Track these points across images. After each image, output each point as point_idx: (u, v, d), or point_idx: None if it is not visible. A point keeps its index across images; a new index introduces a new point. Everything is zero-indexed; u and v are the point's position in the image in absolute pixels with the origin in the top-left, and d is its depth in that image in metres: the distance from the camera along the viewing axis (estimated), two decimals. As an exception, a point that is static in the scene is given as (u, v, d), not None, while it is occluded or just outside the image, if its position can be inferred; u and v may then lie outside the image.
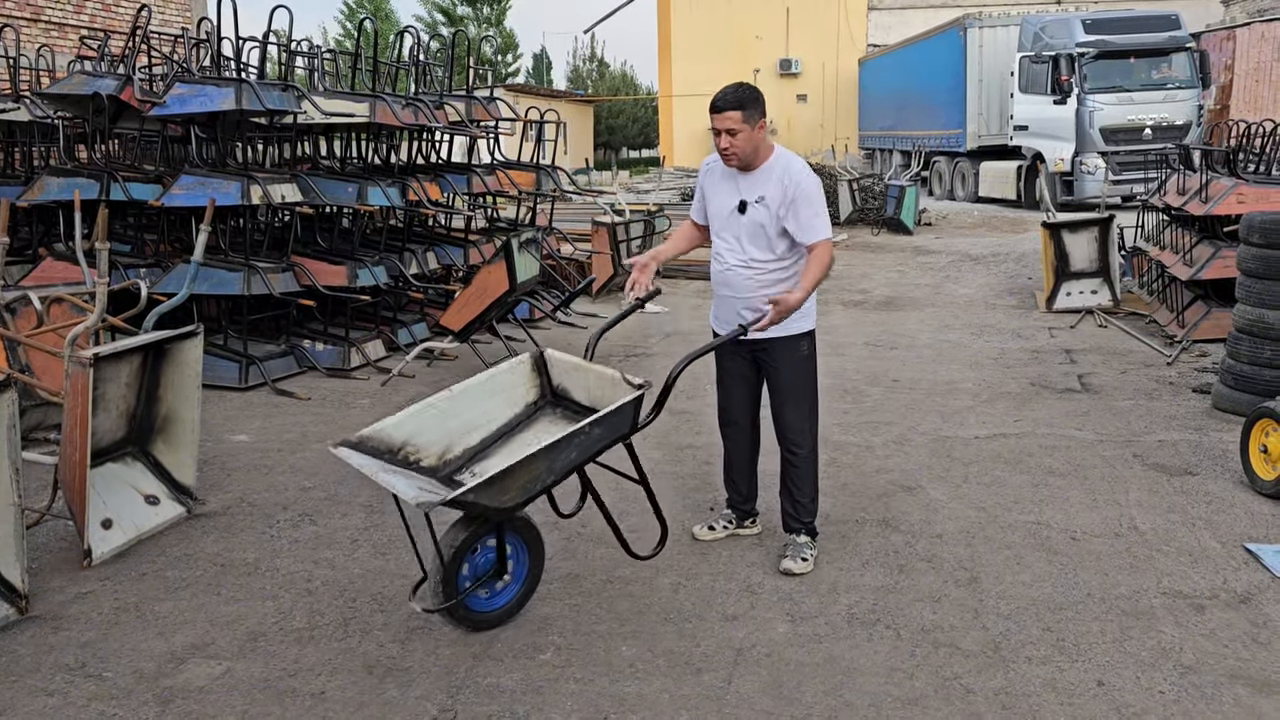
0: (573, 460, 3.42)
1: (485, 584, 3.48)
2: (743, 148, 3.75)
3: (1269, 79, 19.69)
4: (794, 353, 3.93)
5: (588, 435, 3.37)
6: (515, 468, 3.20)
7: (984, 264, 12.84)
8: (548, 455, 3.28)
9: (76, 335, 4.26)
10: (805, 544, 4.01)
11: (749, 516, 4.31)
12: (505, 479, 3.20)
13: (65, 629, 3.54)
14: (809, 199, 3.76)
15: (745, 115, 3.71)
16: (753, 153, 3.79)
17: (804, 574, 3.89)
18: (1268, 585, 3.75)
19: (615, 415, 3.43)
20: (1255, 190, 7.66)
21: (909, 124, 24.39)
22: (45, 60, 9.60)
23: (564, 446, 3.31)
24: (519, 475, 3.24)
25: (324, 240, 8.34)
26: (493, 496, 3.23)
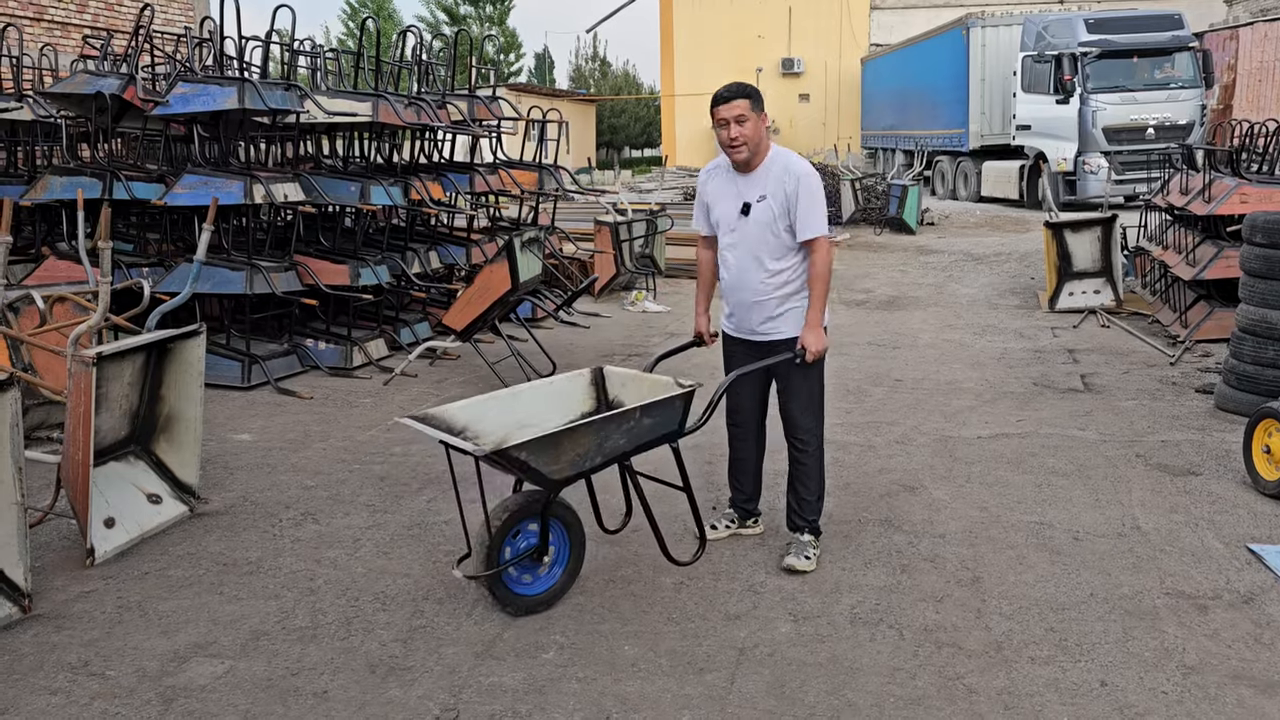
0: (620, 446, 3.52)
1: (527, 565, 3.61)
2: (751, 136, 3.78)
3: (1272, 79, 19.65)
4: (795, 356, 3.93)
5: (637, 421, 3.49)
6: (567, 434, 3.38)
7: (986, 264, 12.83)
8: (599, 430, 3.43)
9: (79, 334, 4.26)
10: (809, 543, 4.01)
11: (751, 516, 4.31)
12: (557, 444, 3.36)
13: (68, 628, 3.54)
14: (809, 192, 3.79)
15: (752, 104, 3.78)
16: (758, 145, 3.82)
17: (806, 571, 3.90)
18: (1271, 586, 3.75)
19: (665, 406, 3.56)
20: (1258, 190, 7.65)
21: (911, 123, 24.38)
22: (48, 59, 9.61)
23: (615, 425, 3.45)
24: (570, 444, 3.39)
25: (326, 239, 8.35)
26: (543, 461, 3.37)
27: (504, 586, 3.57)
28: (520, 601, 3.59)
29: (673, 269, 11.91)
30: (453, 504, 4.61)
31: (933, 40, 23.43)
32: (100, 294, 4.30)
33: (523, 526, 3.59)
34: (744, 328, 4.02)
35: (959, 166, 22.13)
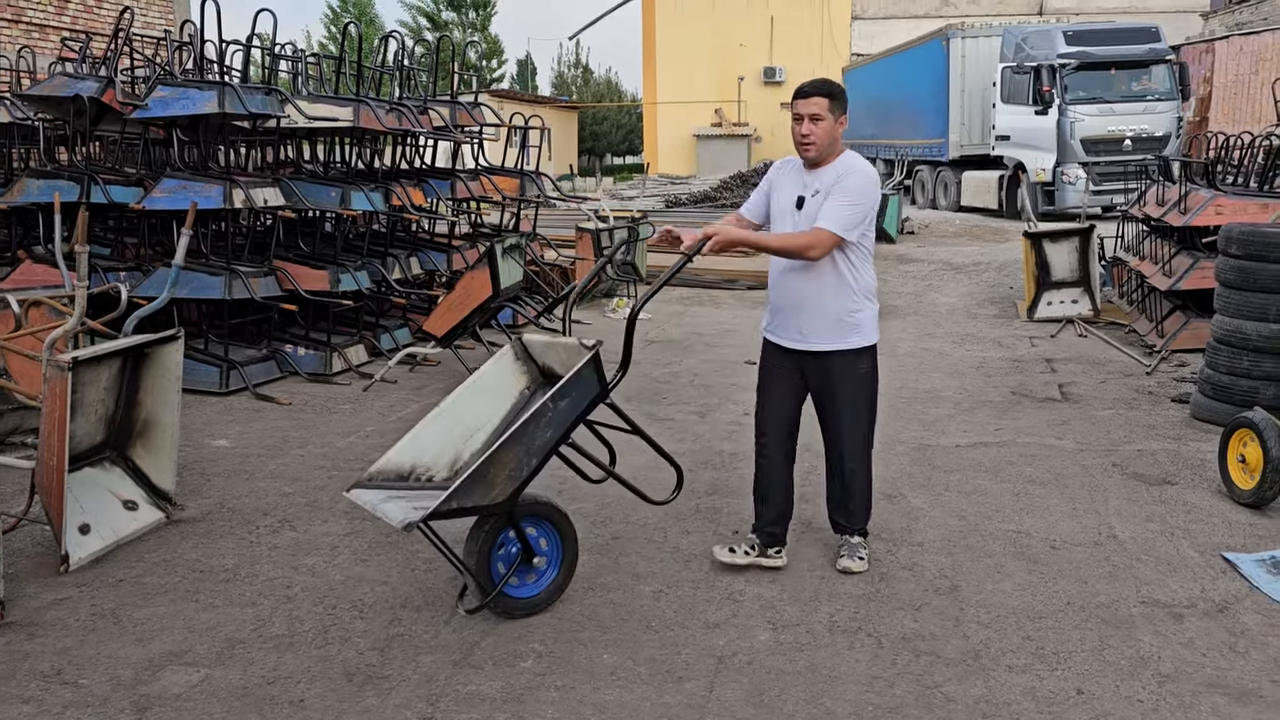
0: (552, 438, 3.44)
1: (518, 572, 3.58)
2: (823, 137, 3.67)
3: (1247, 91, 19.90)
4: (853, 368, 3.82)
5: (555, 410, 3.40)
6: (485, 465, 3.28)
7: (966, 273, 12.91)
8: (518, 442, 3.34)
9: (55, 339, 4.22)
10: (859, 544, 4.01)
11: (776, 543, 4.00)
12: (481, 477, 3.26)
13: (41, 635, 3.50)
14: (847, 190, 3.63)
15: (832, 104, 3.67)
16: (829, 146, 3.71)
17: (862, 572, 3.92)
18: (1245, 594, 3.78)
19: (575, 384, 3.45)
20: (1233, 202, 7.73)
21: (892, 133, 24.52)
22: (26, 61, 9.51)
23: (532, 428, 3.36)
24: (495, 469, 3.29)
25: (306, 245, 8.30)
26: (480, 495, 3.30)
27: (505, 598, 3.58)
28: (518, 605, 3.60)
29: (654, 276, 11.91)
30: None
31: (913, 51, 23.59)
32: (77, 298, 4.26)
33: (503, 538, 3.58)
34: (783, 334, 3.87)
35: (939, 176, 22.27)
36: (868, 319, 3.84)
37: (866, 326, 3.83)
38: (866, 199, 3.66)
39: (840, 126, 3.71)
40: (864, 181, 3.67)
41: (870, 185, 3.69)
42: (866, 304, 3.83)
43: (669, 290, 11.76)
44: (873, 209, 3.72)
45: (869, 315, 3.84)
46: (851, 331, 3.79)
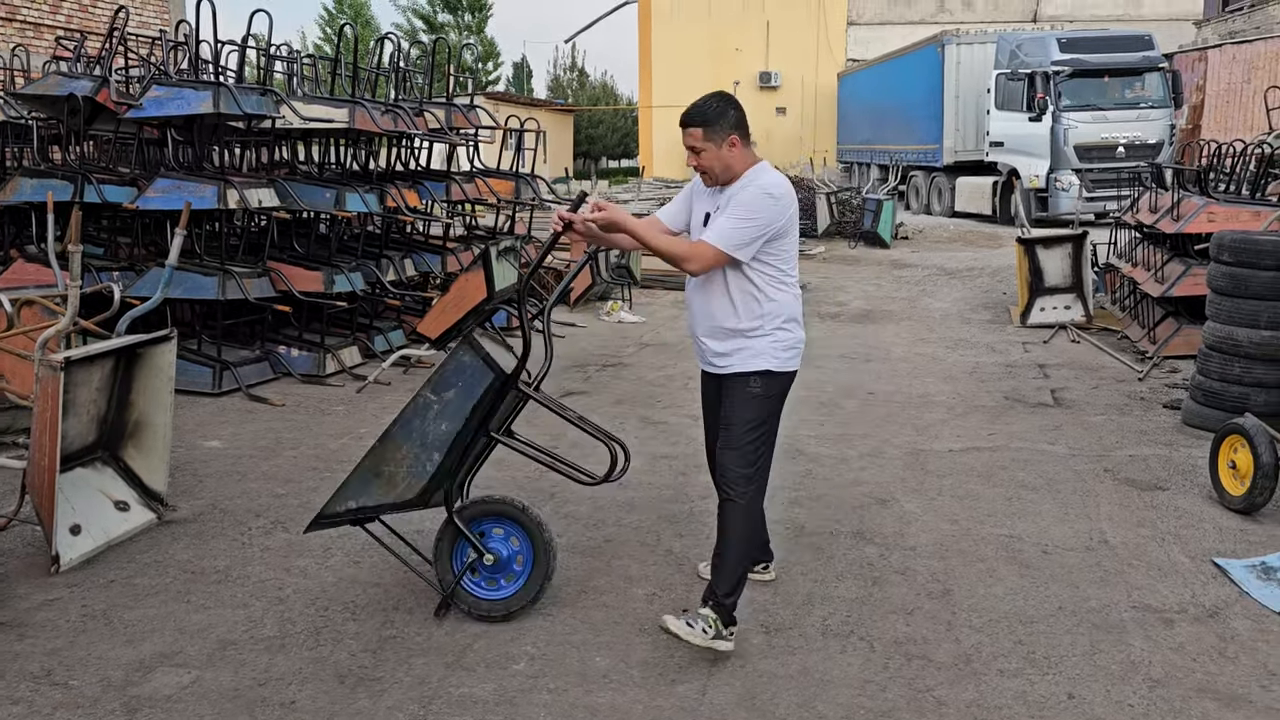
0: (450, 430, 3.41)
1: (491, 574, 3.59)
2: (711, 166, 3.40)
3: (1239, 100, 19.99)
4: (742, 389, 3.41)
5: (440, 401, 3.40)
6: (372, 461, 3.41)
7: (959, 278, 12.94)
8: (406, 437, 3.41)
9: (48, 338, 4.21)
10: (705, 616, 3.32)
11: (758, 562, 3.85)
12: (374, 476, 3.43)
13: (31, 636, 3.48)
14: (738, 203, 3.31)
15: (707, 132, 3.35)
16: (725, 169, 3.40)
17: (680, 636, 3.28)
18: (1235, 600, 3.79)
19: (457, 372, 3.41)
20: (1225, 209, 7.77)
21: (887, 138, 24.59)
22: (20, 60, 9.50)
23: (418, 421, 3.41)
24: (390, 465, 3.41)
25: (301, 246, 8.29)
26: (381, 494, 3.44)
27: (470, 595, 3.60)
28: (476, 603, 3.60)
29: (648, 280, 11.93)
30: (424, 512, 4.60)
31: (908, 57, 23.67)
32: (70, 298, 4.25)
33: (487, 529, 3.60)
34: (702, 356, 3.58)
35: (933, 182, 22.33)
36: (767, 346, 3.40)
37: (764, 352, 3.39)
38: (758, 214, 3.29)
39: (731, 149, 3.35)
40: (757, 195, 3.31)
41: (766, 201, 3.31)
42: (774, 330, 3.41)
43: (663, 294, 11.81)
44: (769, 225, 3.31)
45: (770, 342, 3.40)
46: (745, 353, 3.41)
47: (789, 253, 3.43)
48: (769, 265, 3.40)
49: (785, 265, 3.43)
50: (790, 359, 3.46)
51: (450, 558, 3.61)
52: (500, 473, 4.94)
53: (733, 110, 3.41)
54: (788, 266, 3.44)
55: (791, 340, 3.47)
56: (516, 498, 3.71)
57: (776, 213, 3.33)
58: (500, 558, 3.59)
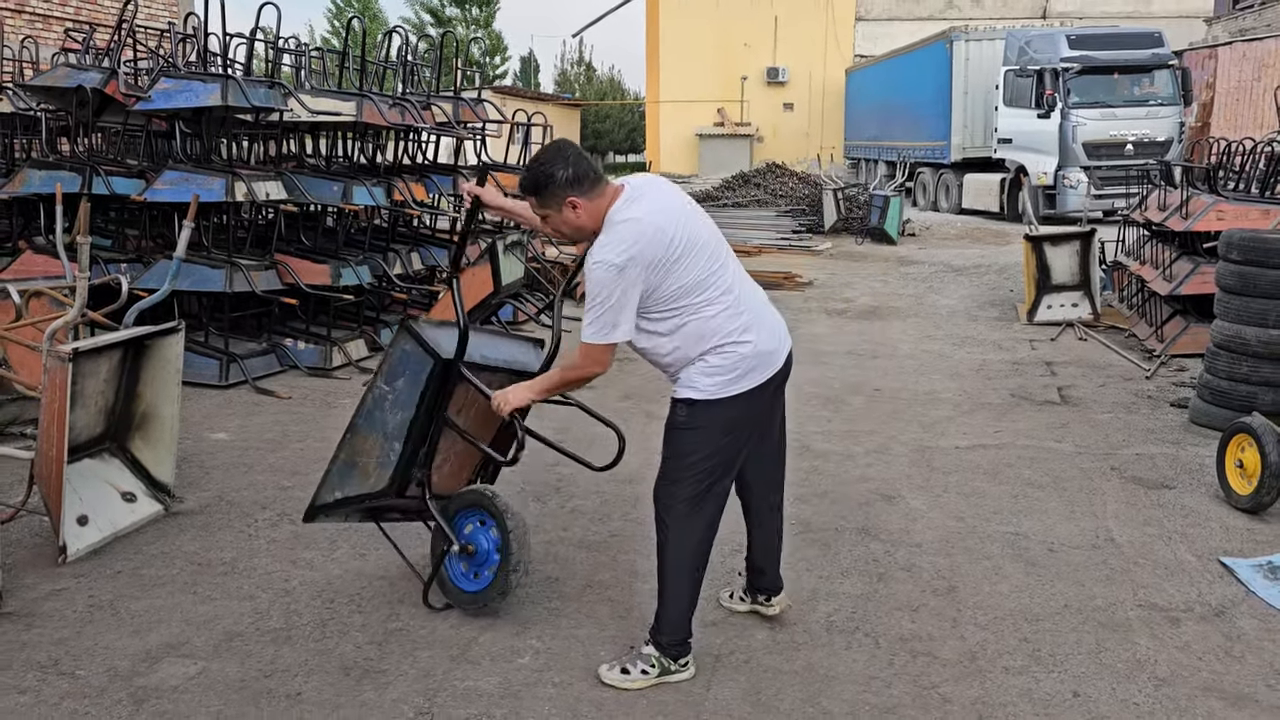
0: (405, 419, 3.43)
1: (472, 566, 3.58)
2: (559, 230, 3.12)
3: (1249, 98, 19.90)
4: (672, 415, 3.15)
5: (392, 390, 3.43)
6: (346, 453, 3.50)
7: (966, 275, 12.91)
8: (370, 428, 3.47)
9: (56, 330, 4.22)
10: (646, 655, 3.20)
11: (762, 593, 3.60)
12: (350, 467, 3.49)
13: (38, 626, 3.50)
14: (589, 284, 2.96)
15: (540, 202, 3.07)
16: (576, 232, 3.09)
17: (615, 685, 3.15)
18: (1242, 599, 3.78)
19: (401, 361, 3.44)
20: (1234, 208, 7.74)
21: (894, 135, 24.53)
22: (29, 52, 9.51)
23: (377, 412, 3.46)
24: (361, 457, 3.47)
25: (308, 239, 8.30)
26: (358, 484, 3.50)
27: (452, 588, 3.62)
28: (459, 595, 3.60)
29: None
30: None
31: (916, 53, 23.59)
32: (78, 289, 4.26)
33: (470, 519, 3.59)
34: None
35: (940, 178, 22.27)
36: (695, 371, 3.08)
37: (690, 377, 3.09)
38: (602, 291, 2.92)
39: (574, 210, 3.02)
40: (593, 272, 2.94)
41: (602, 273, 2.91)
42: (702, 357, 3.06)
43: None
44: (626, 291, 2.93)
45: (700, 367, 3.07)
46: (675, 379, 3.16)
47: (688, 283, 3.00)
48: (668, 309, 3.03)
49: (689, 297, 3.01)
50: (723, 385, 3.05)
51: (443, 558, 3.62)
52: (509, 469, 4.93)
53: (560, 170, 3.00)
54: (695, 295, 3.02)
55: (722, 366, 3.06)
56: (488, 487, 3.65)
57: (624, 277, 2.91)
58: (480, 549, 3.55)
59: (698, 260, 3.02)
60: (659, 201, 3.05)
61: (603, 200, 3.04)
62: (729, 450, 3.15)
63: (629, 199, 3.04)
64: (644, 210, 3.00)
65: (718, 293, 3.06)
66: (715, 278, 3.06)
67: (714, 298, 3.05)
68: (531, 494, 4.79)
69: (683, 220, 3.05)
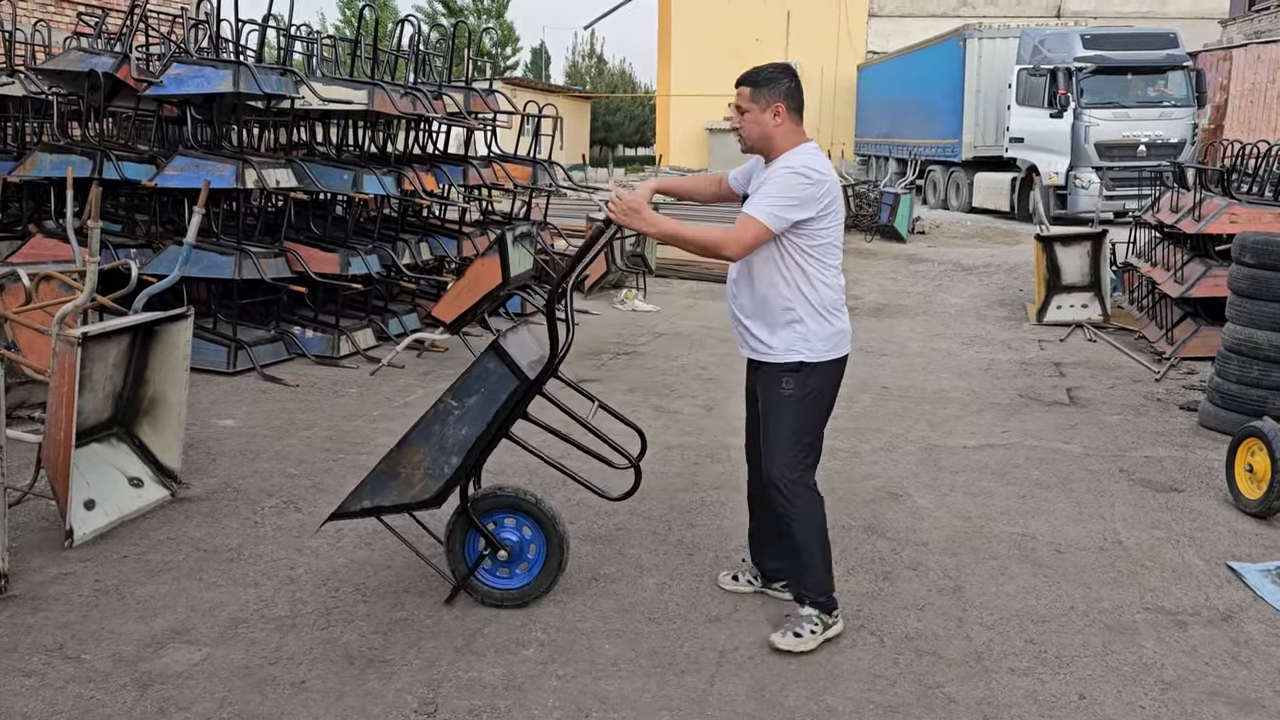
0: (469, 435, 3.39)
1: (502, 564, 3.59)
2: (748, 130, 3.32)
3: (1263, 100, 19.80)
4: (775, 386, 3.34)
5: (462, 407, 3.39)
6: (390, 464, 3.42)
7: (976, 274, 12.88)
8: (424, 440, 3.41)
9: (65, 314, 4.23)
10: (808, 615, 3.38)
11: (776, 580, 3.71)
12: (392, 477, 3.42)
13: (44, 609, 3.51)
14: (775, 178, 3.23)
15: (755, 93, 3.27)
16: (761, 139, 3.31)
17: (793, 650, 3.31)
18: (1249, 604, 3.77)
19: (478, 378, 3.38)
20: (1248, 210, 7.69)
21: (906, 132, 24.45)
22: (41, 35, 9.52)
23: (438, 426, 3.40)
24: (407, 468, 3.41)
25: (317, 227, 8.30)
26: (398, 494, 3.44)
27: (479, 583, 3.60)
28: (489, 593, 3.59)
29: (664, 268, 11.89)
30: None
31: (929, 50, 23.51)
32: (87, 274, 4.26)
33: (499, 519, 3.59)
34: (743, 340, 3.47)
35: (951, 177, 22.21)
36: (804, 333, 3.30)
37: (800, 341, 3.30)
38: (791, 191, 3.18)
39: (775, 118, 3.26)
40: (789, 174, 3.20)
41: (798, 180, 3.19)
42: (810, 317, 3.30)
43: (678, 283, 11.78)
44: (805, 204, 3.19)
45: (806, 330, 3.30)
46: (782, 342, 3.32)
47: (829, 240, 3.30)
48: (807, 251, 3.28)
49: (825, 253, 3.30)
50: (829, 349, 3.34)
51: (463, 546, 3.59)
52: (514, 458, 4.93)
53: (786, 80, 3.30)
54: (829, 254, 3.31)
55: (830, 331, 3.34)
56: (530, 490, 3.68)
57: (810, 192, 3.20)
58: (513, 548, 3.58)
59: (835, 230, 3.34)
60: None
61: (794, 132, 3.32)
62: (827, 412, 3.47)
63: (813, 149, 3.33)
64: (823, 161, 3.33)
65: (835, 267, 3.38)
66: (838, 253, 3.39)
67: (835, 269, 3.38)
68: (538, 487, 4.78)
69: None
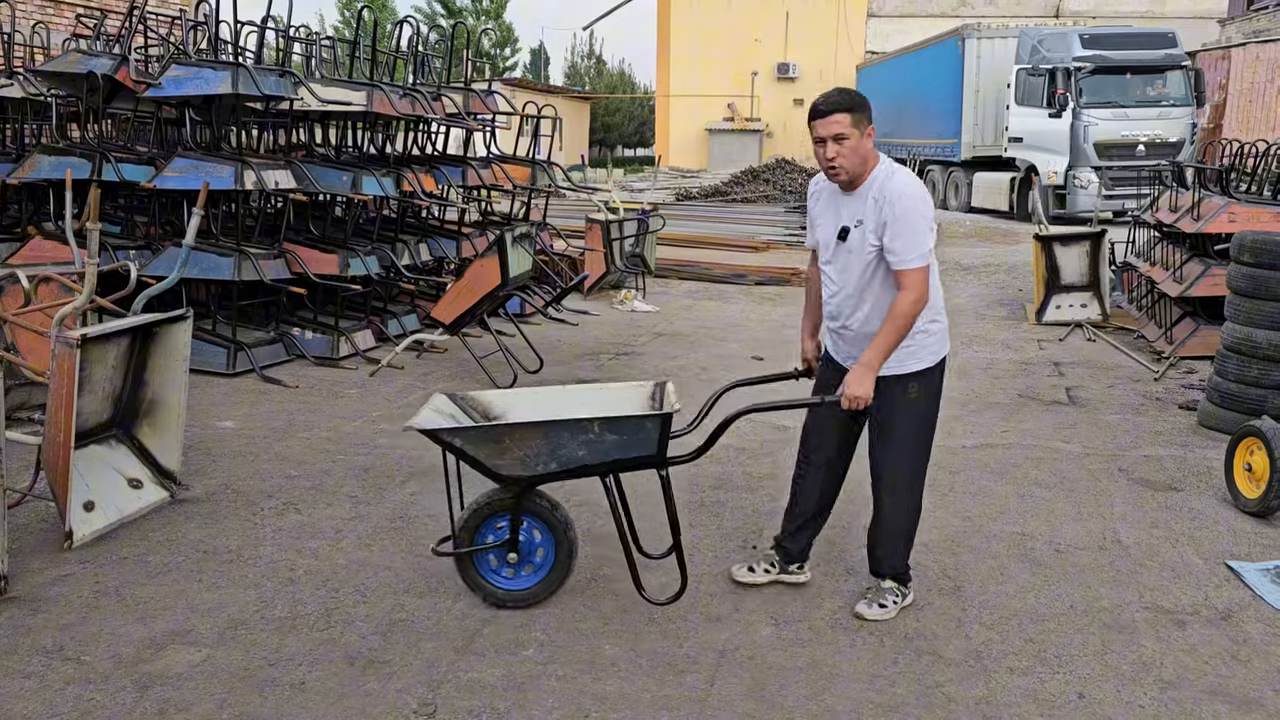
0: (581, 458, 3.40)
1: (496, 555, 3.58)
2: (850, 158, 3.31)
3: (1262, 99, 19.81)
4: (900, 395, 3.46)
5: (596, 435, 3.35)
6: (505, 429, 3.37)
7: (975, 274, 12.88)
8: (546, 433, 3.35)
9: (64, 315, 4.22)
10: (890, 589, 3.62)
11: (794, 560, 3.83)
12: (496, 438, 3.35)
13: (44, 611, 3.51)
14: (904, 217, 3.27)
15: (854, 119, 3.28)
16: (860, 165, 3.34)
17: (879, 619, 3.54)
18: (1249, 603, 3.77)
19: (630, 425, 3.37)
20: (1247, 210, 7.70)
21: (905, 132, 24.44)
22: (40, 37, 9.52)
23: (567, 432, 3.36)
24: (511, 442, 3.35)
25: (316, 228, 8.30)
26: (484, 453, 3.36)
27: (475, 571, 3.58)
28: (498, 593, 3.59)
29: (663, 269, 11.90)
30: (436, 497, 4.62)
31: (928, 50, 23.50)
32: (86, 275, 4.26)
33: (505, 519, 3.58)
34: (843, 353, 3.58)
35: (950, 176, 22.20)
36: (921, 342, 3.47)
37: (921, 350, 3.47)
38: (925, 219, 3.33)
39: (868, 140, 3.33)
40: (917, 204, 3.31)
41: (920, 199, 3.32)
42: (926, 326, 3.47)
43: (677, 284, 11.79)
44: (931, 219, 3.37)
45: (923, 339, 3.48)
46: (906, 356, 3.44)
47: (931, 246, 3.44)
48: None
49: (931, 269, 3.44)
50: (939, 350, 3.55)
51: (480, 527, 3.55)
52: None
53: (868, 103, 3.39)
54: (932, 268, 3.44)
55: (937, 333, 3.55)
56: (547, 494, 3.67)
57: (930, 208, 3.38)
58: (521, 549, 3.58)
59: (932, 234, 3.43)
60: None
61: (873, 149, 3.40)
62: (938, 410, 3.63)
63: (895, 164, 3.44)
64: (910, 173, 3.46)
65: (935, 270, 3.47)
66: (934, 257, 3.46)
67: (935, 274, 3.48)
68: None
69: None
